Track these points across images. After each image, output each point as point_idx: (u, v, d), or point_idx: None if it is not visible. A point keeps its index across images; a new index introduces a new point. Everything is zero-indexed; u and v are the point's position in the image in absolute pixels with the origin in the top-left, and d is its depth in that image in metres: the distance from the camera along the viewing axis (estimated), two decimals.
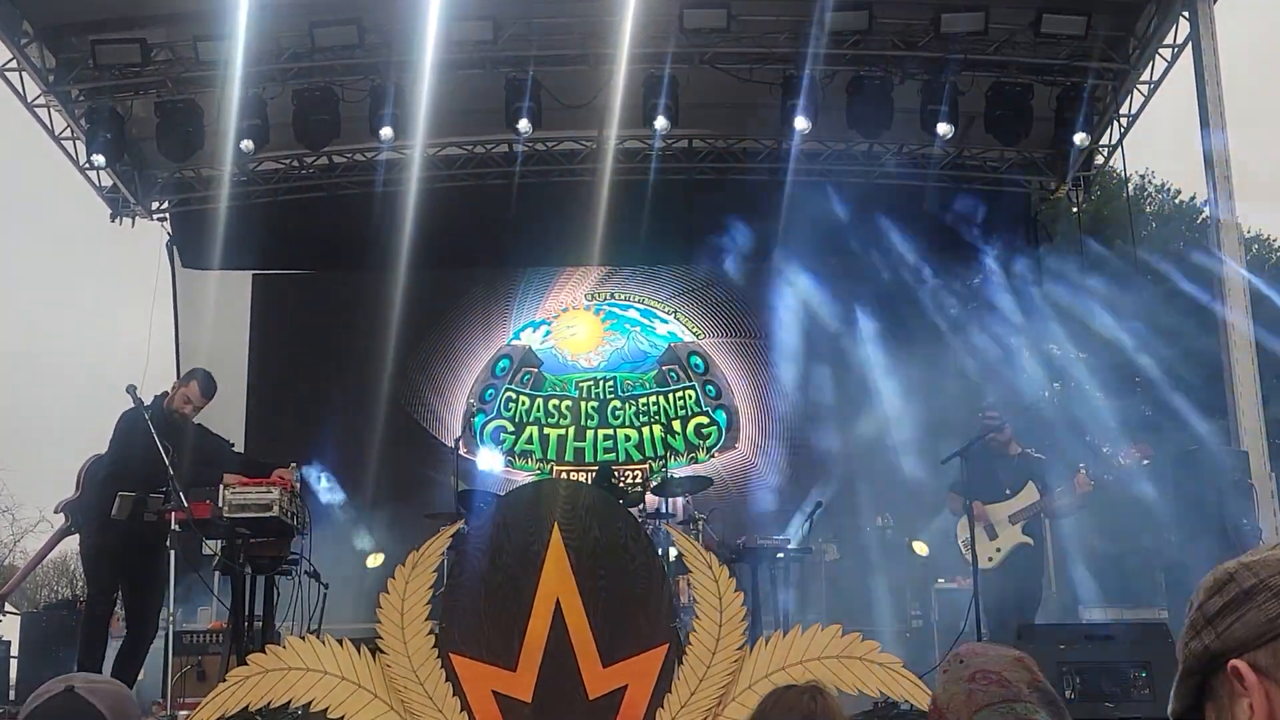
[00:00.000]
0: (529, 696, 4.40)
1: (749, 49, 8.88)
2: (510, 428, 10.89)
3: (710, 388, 11.00)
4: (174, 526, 5.36)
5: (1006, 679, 1.83)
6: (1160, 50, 8.80)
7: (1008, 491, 6.80)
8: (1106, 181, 14.90)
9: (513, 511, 4.75)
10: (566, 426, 10.92)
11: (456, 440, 8.45)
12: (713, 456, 10.81)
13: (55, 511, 6.54)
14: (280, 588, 6.25)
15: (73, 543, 6.53)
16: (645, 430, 10.85)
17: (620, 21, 8.91)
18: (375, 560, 9.11)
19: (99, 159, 9.34)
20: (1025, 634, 5.66)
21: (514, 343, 11.13)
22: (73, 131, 9.50)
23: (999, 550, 6.71)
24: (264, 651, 4.45)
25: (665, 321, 11.20)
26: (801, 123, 9.02)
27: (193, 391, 6.10)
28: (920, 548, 9.14)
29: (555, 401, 10.97)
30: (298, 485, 5.88)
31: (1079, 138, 9.10)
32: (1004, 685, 1.82)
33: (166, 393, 6.11)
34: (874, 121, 9.07)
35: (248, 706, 4.29)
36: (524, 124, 9.04)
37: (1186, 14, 8.29)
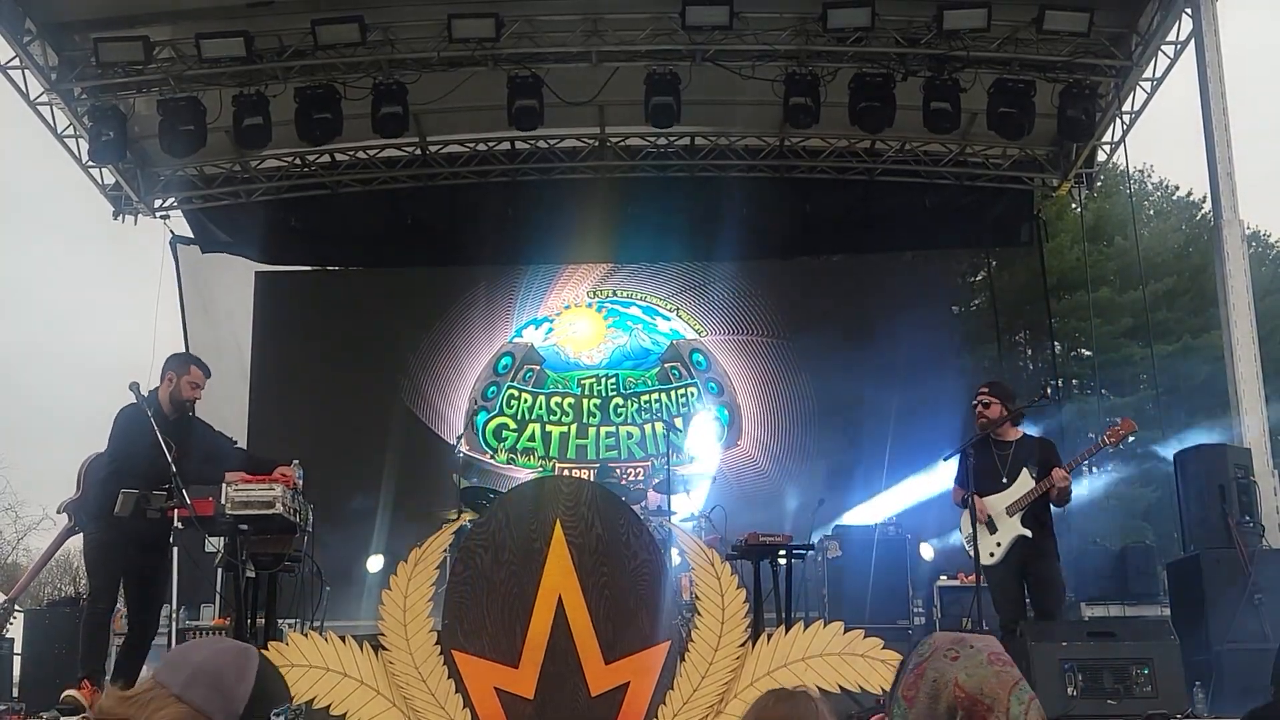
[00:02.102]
0: (531, 693, 4.40)
1: (751, 46, 8.87)
2: (512, 425, 10.90)
3: (712, 385, 11.01)
4: (177, 524, 5.36)
5: (1011, 659, 1.90)
6: (1163, 47, 8.79)
7: (1005, 480, 6.32)
8: (1109, 178, 14.90)
9: (515, 509, 4.75)
10: (569, 424, 10.93)
11: (459, 437, 8.45)
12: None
13: (58, 512, 6.51)
14: (282, 585, 6.26)
15: (76, 540, 6.52)
16: (647, 427, 10.86)
17: (622, 18, 8.93)
18: (376, 560, 9.12)
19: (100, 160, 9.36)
20: (1027, 631, 5.66)
21: (516, 340, 11.14)
22: (75, 129, 9.50)
23: (999, 545, 6.31)
24: (266, 648, 4.45)
25: (667, 318, 11.20)
26: (803, 119, 9.04)
27: (197, 377, 6.09)
28: (927, 551, 9.11)
29: (557, 399, 10.98)
30: (300, 482, 5.89)
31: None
32: (1013, 665, 1.89)
33: (158, 387, 6.09)
34: (876, 118, 9.07)
35: None
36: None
37: (1189, 10, 8.27)
